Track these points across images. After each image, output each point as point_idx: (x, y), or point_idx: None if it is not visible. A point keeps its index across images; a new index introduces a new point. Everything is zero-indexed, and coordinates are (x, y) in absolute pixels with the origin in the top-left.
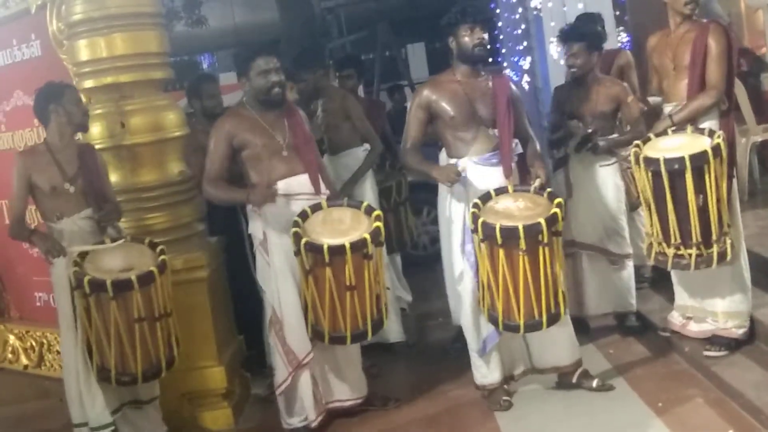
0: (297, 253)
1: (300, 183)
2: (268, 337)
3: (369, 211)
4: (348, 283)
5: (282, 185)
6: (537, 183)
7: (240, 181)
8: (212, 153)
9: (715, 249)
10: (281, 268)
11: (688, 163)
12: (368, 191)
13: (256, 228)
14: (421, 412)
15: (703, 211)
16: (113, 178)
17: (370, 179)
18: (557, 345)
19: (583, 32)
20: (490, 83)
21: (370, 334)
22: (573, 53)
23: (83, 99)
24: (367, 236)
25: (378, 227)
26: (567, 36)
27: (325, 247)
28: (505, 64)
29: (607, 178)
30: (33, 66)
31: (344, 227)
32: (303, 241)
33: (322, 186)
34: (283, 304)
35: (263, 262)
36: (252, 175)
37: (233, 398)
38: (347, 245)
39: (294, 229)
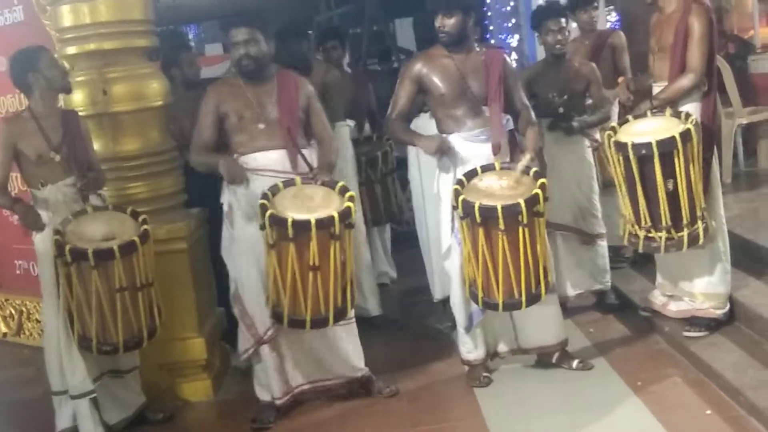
0: (262, 226)
1: (272, 159)
2: (233, 309)
3: (343, 191)
4: (311, 263)
5: (253, 159)
6: (525, 160)
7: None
8: (199, 121)
9: (685, 233)
10: (244, 243)
11: (655, 149)
12: (348, 163)
13: (223, 198)
14: (401, 387)
15: (673, 195)
16: (95, 146)
17: (351, 152)
18: (543, 325)
19: (564, 7)
20: (483, 58)
21: (331, 321)
22: (561, 28)
23: (66, 64)
24: (335, 214)
25: (348, 207)
26: (553, 11)
27: (290, 221)
28: (492, 42)
29: (581, 158)
30: (15, 31)
31: (313, 204)
32: (268, 213)
33: (302, 164)
34: (244, 279)
35: (227, 235)
36: (232, 146)
37: (213, 370)
38: (312, 221)
39: (261, 201)
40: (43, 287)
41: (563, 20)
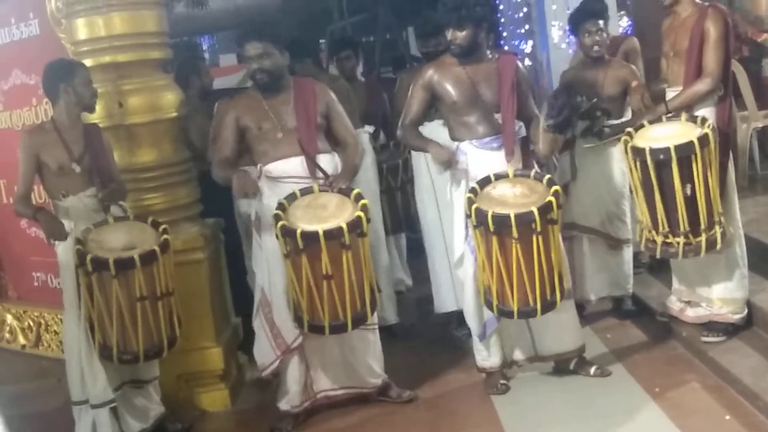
0: (278, 236)
1: (293, 166)
2: (254, 318)
3: (358, 199)
4: (324, 272)
5: (274, 167)
6: (532, 173)
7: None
8: (221, 136)
9: (703, 238)
10: (273, 250)
11: (673, 154)
12: (368, 170)
13: (251, 209)
14: (419, 395)
15: (691, 200)
16: None
17: (371, 158)
18: (560, 332)
19: (604, 8)
20: (496, 65)
21: (350, 326)
22: (598, 30)
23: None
24: (344, 225)
25: (359, 217)
26: (592, 12)
27: (299, 232)
28: (506, 48)
29: (613, 163)
30: (31, 45)
31: (326, 214)
32: (279, 224)
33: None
34: (273, 286)
35: (255, 243)
36: (255, 156)
37: (230, 380)
38: (320, 232)
39: (276, 212)
40: (65, 297)
41: (601, 22)
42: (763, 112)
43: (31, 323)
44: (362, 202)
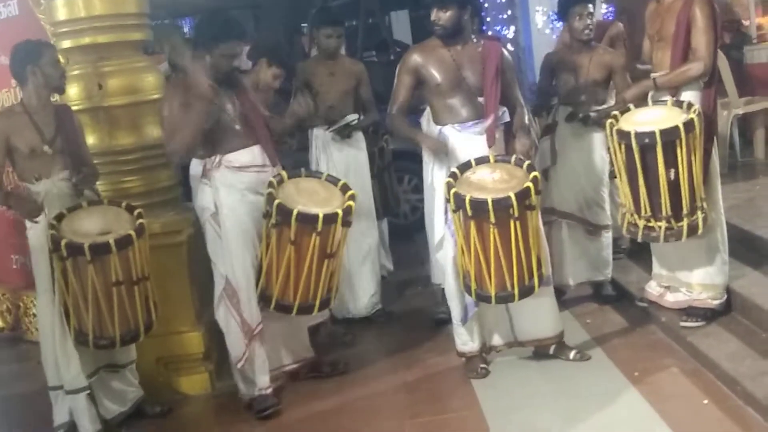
0: (277, 224)
1: (252, 155)
2: (216, 310)
3: (332, 180)
4: (329, 251)
5: (234, 157)
6: (513, 159)
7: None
8: (173, 120)
9: (685, 222)
10: (235, 239)
11: (658, 138)
12: (360, 151)
13: (206, 200)
14: (399, 378)
15: (674, 185)
16: (90, 140)
17: (362, 143)
18: (539, 317)
19: None
20: (480, 49)
21: (316, 309)
22: (588, 13)
23: (61, 59)
24: (353, 204)
25: (354, 194)
26: None
27: (321, 216)
28: (489, 33)
29: (593, 149)
30: (10, 25)
31: (321, 197)
32: (295, 211)
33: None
34: (238, 274)
35: (214, 235)
36: (206, 146)
37: (210, 363)
38: (340, 213)
39: (278, 201)
40: (38, 282)
41: (590, 5)
42: (744, 99)
43: (10, 306)
44: (341, 182)
